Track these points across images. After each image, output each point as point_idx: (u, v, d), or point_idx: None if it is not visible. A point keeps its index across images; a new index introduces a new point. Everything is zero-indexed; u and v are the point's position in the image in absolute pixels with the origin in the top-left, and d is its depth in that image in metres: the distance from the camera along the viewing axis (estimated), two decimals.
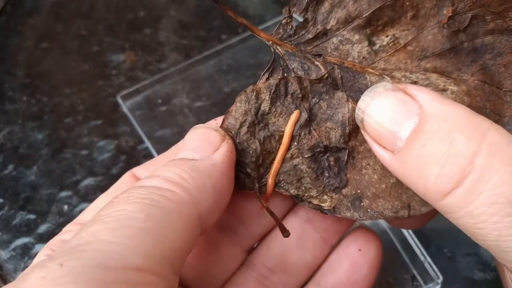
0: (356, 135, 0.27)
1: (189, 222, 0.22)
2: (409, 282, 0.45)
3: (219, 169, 0.24)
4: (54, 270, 0.18)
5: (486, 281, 0.45)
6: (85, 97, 0.55)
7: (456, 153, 0.20)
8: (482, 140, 0.20)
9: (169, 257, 0.20)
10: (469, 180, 0.20)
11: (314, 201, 0.28)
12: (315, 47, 0.28)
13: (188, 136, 0.26)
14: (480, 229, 0.20)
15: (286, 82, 0.27)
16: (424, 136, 0.21)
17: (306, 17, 0.28)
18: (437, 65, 0.27)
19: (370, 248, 0.30)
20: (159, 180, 0.23)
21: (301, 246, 0.30)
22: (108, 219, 0.20)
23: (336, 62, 0.27)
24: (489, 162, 0.20)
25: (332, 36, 0.28)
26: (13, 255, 0.48)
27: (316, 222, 0.30)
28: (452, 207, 0.21)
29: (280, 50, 0.28)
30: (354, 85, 0.27)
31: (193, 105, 0.54)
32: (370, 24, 0.27)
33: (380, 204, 0.27)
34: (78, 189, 0.50)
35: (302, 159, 0.27)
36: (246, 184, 0.27)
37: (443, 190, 0.21)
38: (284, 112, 0.27)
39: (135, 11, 0.61)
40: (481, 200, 0.20)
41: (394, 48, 0.27)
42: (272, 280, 0.30)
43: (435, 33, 0.26)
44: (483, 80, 0.26)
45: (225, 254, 0.30)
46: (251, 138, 0.27)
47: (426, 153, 0.21)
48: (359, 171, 0.27)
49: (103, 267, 0.18)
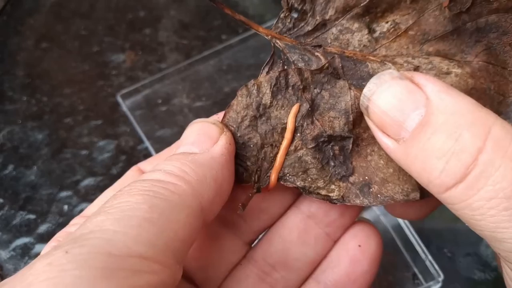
0: (360, 122, 0.27)
1: (192, 213, 0.22)
2: (410, 280, 0.45)
3: (219, 162, 0.25)
4: (60, 257, 0.18)
5: (486, 281, 0.45)
6: (85, 97, 0.55)
7: (461, 149, 0.21)
8: (487, 136, 0.20)
9: (172, 247, 0.21)
10: (471, 175, 0.20)
11: (322, 192, 0.27)
12: (315, 39, 0.28)
13: (187, 130, 0.26)
14: (478, 221, 0.21)
15: (286, 75, 0.27)
16: (430, 129, 0.21)
17: (304, 8, 0.27)
18: (439, 48, 0.26)
19: (370, 244, 0.30)
20: (161, 174, 0.23)
21: (303, 241, 0.30)
22: (112, 210, 0.20)
23: (336, 52, 0.27)
24: (492, 158, 0.20)
25: (332, 26, 0.28)
26: (13, 255, 0.48)
27: (319, 217, 0.30)
28: (453, 199, 0.21)
29: (279, 43, 0.28)
30: (356, 73, 0.27)
31: (193, 105, 0.54)
32: (369, 11, 0.27)
33: (390, 189, 0.26)
34: (78, 189, 0.50)
35: (306, 150, 0.27)
36: (244, 178, 0.27)
37: (447, 185, 0.21)
38: (285, 105, 0.27)
39: (135, 11, 0.61)
40: (481, 194, 0.20)
41: (395, 34, 0.27)
42: (273, 276, 0.30)
43: (437, 15, 0.26)
44: (487, 61, 0.26)
45: (227, 246, 0.30)
46: (252, 131, 0.27)
47: (432, 147, 0.21)
48: (365, 158, 0.27)
49: (108, 255, 0.18)
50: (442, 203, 0.23)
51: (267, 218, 0.30)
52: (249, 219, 0.30)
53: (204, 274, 0.30)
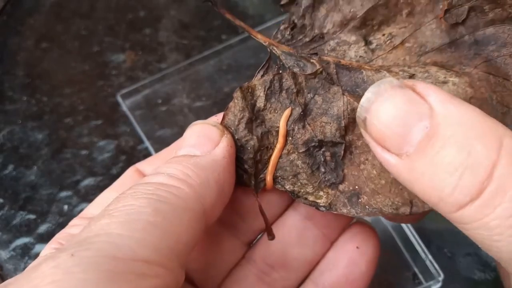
0: (353, 129, 0.26)
1: (194, 216, 0.22)
2: (410, 280, 0.45)
3: (221, 164, 0.25)
4: (66, 259, 0.18)
5: (486, 281, 0.45)
6: (85, 97, 0.55)
7: (475, 163, 0.19)
8: (500, 148, 0.19)
9: (176, 250, 0.21)
10: (487, 192, 0.19)
11: (310, 198, 0.27)
12: (312, 50, 0.28)
13: (187, 133, 0.26)
14: (495, 241, 0.19)
15: (280, 78, 0.27)
16: (439, 142, 0.19)
17: (304, 23, 0.28)
18: (437, 60, 0.26)
19: (368, 246, 0.30)
20: (164, 177, 0.23)
21: (302, 242, 0.30)
22: (117, 213, 0.20)
23: (332, 61, 0.27)
24: (508, 172, 0.19)
25: (329, 39, 0.28)
26: (13, 255, 0.48)
27: (317, 218, 0.30)
28: (466, 218, 0.20)
29: (276, 50, 0.28)
30: (350, 80, 0.27)
31: (193, 105, 0.54)
32: (365, 24, 0.27)
33: (379, 201, 0.26)
34: (78, 189, 0.50)
35: (297, 154, 0.27)
36: (244, 180, 0.27)
37: (460, 203, 0.19)
38: (279, 108, 0.27)
39: (135, 11, 0.61)
40: (498, 212, 0.19)
41: (391, 45, 0.27)
42: (272, 276, 0.30)
43: (433, 28, 0.26)
44: (487, 72, 0.25)
45: (226, 247, 0.30)
46: (249, 134, 0.27)
47: (441, 161, 0.19)
48: (358, 167, 0.26)
49: (113, 258, 0.18)
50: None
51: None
52: (247, 219, 0.30)
53: (204, 275, 0.30)
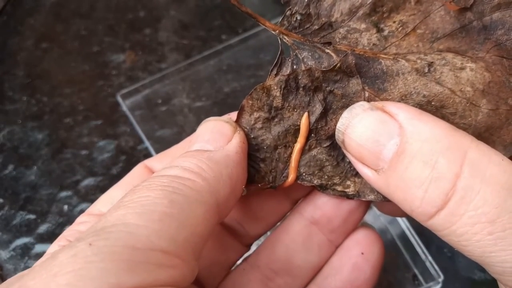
0: None
1: (209, 209, 0.22)
2: (410, 281, 0.45)
3: (234, 159, 0.25)
4: (84, 248, 0.18)
5: (486, 281, 0.45)
6: (85, 97, 0.55)
7: (438, 176, 0.21)
8: (463, 160, 0.20)
9: (191, 242, 0.21)
10: (452, 202, 0.20)
11: (338, 188, 0.27)
12: (322, 38, 0.27)
13: (201, 128, 0.26)
14: (465, 246, 0.21)
15: (296, 76, 0.26)
16: (407, 158, 0.21)
17: (309, 12, 0.27)
18: (450, 45, 0.26)
19: (373, 251, 0.30)
20: (179, 170, 0.23)
21: (307, 248, 0.30)
22: (133, 204, 0.20)
23: (347, 50, 0.27)
24: (471, 183, 0.20)
25: (338, 27, 0.27)
26: (13, 255, 0.48)
27: (322, 223, 0.30)
28: (437, 226, 0.21)
29: (287, 39, 0.27)
30: (369, 71, 0.26)
31: (193, 105, 0.54)
32: (375, 11, 0.27)
33: None
34: (78, 189, 0.50)
35: (321, 148, 0.27)
36: (255, 179, 0.27)
37: (429, 213, 0.21)
38: (298, 106, 0.27)
39: (135, 11, 0.61)
40: (464, 220, 0.20)
41: (403, 32, 0.27)
42: (276, 282, 0.30)
43: (442, 14, 0.26)
44: (500, 55, 0.25)
45: (227, 245, 0.30)
46: (265, 133, 0.27)
47: (410, 176, 0.21)
48: None
49: (131, 248, 0.18)
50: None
51: (265, 225, 0.30)
52: (247, 226, 0.30)
53: (207, 271, 0.30)
